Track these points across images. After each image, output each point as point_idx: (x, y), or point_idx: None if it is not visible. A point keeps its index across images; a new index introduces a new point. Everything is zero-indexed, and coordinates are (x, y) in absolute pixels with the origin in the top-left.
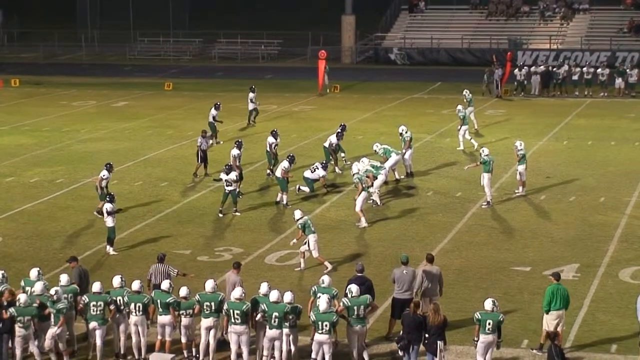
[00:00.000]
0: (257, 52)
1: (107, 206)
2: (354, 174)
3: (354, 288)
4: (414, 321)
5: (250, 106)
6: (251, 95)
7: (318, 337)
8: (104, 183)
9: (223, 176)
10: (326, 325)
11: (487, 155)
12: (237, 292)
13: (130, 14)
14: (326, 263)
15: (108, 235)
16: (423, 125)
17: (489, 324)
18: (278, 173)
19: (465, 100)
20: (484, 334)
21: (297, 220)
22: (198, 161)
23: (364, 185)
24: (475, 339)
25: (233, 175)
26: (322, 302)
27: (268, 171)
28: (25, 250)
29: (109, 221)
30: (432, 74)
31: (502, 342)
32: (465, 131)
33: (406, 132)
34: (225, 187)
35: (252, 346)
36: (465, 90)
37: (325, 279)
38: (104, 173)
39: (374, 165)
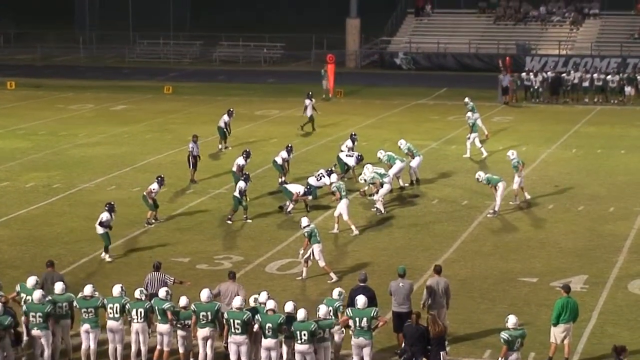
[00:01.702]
0: (259, 56)
1: (104, 215)
2: (331, 183)
3: (360, 300)
4: (417, 332)
5: (308, 113)
6: (307, 102)
7: (298, 347)
8: (153, 195)
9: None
10: (304, 335)
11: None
12: (237, 301)
13: (130, 15)
14: (331, 274)
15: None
16: (428, 132)
17: (518, 342)
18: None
19: (467, 108)
20: (513, 351)
21: (304, 227)
22: (190, 167)
23: (342, 194)
24: (502, 359)
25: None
26: (301, 312)
27: (280, 180)
28: (20, 257)
29: (99, 229)
30: (438, 80)
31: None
32: (474, 139)
33: (404, 145)
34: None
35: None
36: (467, 97)
37: (335, 291)
38: (155, 186)
39: (379, 173)
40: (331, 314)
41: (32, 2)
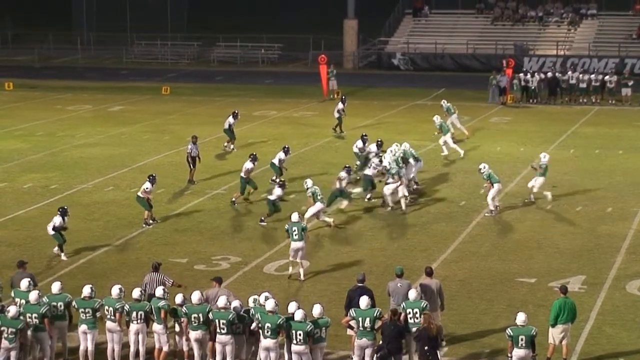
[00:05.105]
0: (257, 56)
1: (56, 220)
2: (307, 189)
3: (363, 301)
4: (393, 330)
5: (336, 115)
6: (340, 105)
7: (294, 347)
8: (148, 194)
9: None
10: (300, 335)
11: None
12: (221, 301)
13: (127, 16)
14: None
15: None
16: (427, 132)
17: (522, 339)
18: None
19: (443, 110)
20: (517, 348)
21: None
22: (190, 167)
23: (318, 198)
24: (509, 355)
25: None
26: (299, 312)
27: (272, 178)
28: (18, 258)
29: (51, 232)
30: (436, 80)
31: (537, 356)
32: (447, 139)
33: (408, 149)
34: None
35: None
36: (443, 100)
37: (412, 292)
38: (147, 185)
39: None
40: (418, 315)
41: (30, 3)
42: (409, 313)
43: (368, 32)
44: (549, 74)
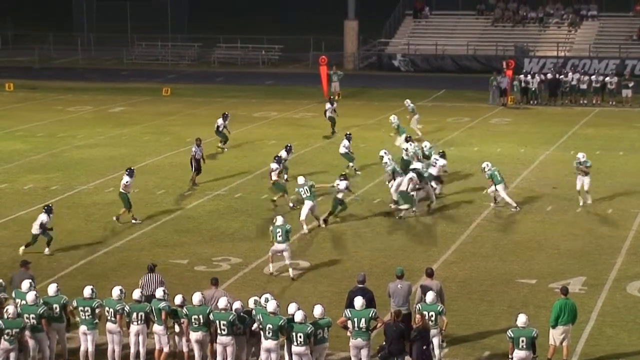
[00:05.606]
0: (258, 58)
1: (42, 217)
2: (298, 187)
3: (358, 301)
4: (396, 331)
5: (327, 115)
6: (328, 106)
7: (294, 348)
8: (128, 187)
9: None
10: (300, 337)
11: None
12: (222, 303)
13: (128, 17)
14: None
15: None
16: (427, 133)
17: (523, 341)
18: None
19: (408, 109)
20: (518, 350)
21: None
22: (192, 170)
23: (304, 197)
24: (510, 356)
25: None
26: (299, 314)
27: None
28: (19, 259)
29: (36, 230)
30: (436, 81)
31: (538, 357)
32: (401, 139)
33: (411, 147)
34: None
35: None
36: (407, 100)
37: (429, 295)
38: (126, 179)
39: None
40: (433, 318)
41: (31, 4)
42: (425, 316)
43: (368, 33)
44: (549, 75)
